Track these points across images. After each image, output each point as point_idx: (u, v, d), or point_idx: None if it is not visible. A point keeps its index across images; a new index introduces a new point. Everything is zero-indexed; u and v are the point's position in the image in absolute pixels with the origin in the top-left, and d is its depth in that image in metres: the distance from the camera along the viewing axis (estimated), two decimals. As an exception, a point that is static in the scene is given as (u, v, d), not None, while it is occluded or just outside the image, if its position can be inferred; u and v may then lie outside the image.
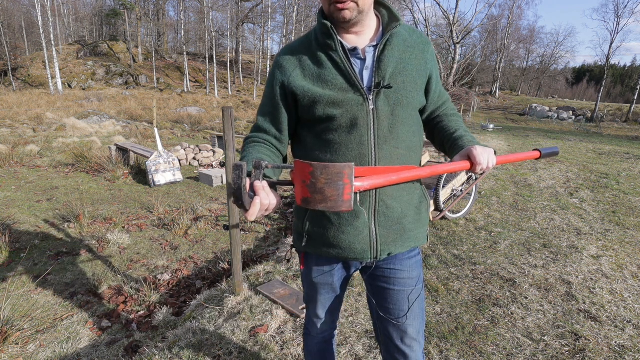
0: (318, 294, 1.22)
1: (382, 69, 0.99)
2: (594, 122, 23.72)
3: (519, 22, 39.53)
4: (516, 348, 2.04)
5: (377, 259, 1.08)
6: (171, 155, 6.11)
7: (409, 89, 1.01)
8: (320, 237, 1.09)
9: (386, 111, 0.99)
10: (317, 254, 1.14)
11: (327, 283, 1.19)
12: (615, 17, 26.36)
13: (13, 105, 16.22)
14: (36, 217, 4.36)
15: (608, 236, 3.68)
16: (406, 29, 1.06)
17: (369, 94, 0.98)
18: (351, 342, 2.08)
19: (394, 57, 1.00)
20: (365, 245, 1.05)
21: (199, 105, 19.50)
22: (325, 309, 1.27)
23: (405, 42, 1.03)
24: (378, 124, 0.99)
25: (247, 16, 32.21)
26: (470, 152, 0.97)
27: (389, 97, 0.99)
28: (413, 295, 1.14)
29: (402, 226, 1.07)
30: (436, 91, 1.12)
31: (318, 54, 1.01)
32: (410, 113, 1.03)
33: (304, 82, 1.00)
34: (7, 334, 2.30)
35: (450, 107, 1.20)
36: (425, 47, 1.07)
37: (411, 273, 1.14)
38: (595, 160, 8.06)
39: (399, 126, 1.01)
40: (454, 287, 2.68)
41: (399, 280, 1.13)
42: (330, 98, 0.98)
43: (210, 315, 2.37)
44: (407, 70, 1.01)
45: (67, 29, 40.16)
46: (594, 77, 53.90)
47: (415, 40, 1.06)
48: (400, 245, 1.09)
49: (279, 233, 4.19)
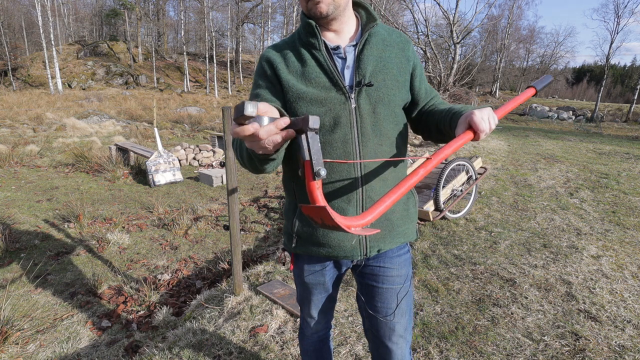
0: (311, 294, 1.23)
1: (362, 68, 1.00)
2: (594, 122, 23.72)
3: (519, 22, 39.56)
4: (516, 348, 2.04)
5: (367, 256, 1.09)
6: (171, 155, 6.11)
7: (390, 86, 1.03)
8: (310, 237, 1.09)
9: (368, 109, 1.01)
10: (307, 254, 1.15)
11: (319, 283, 1.20)
12: (615, 17, 26.34)
13: (13, 105, 16.21)
14: (36, 217, 4.36)
15: (608, 236, 3.68)
16: (384, 29, 1.08)
17: (351, 92, 1.00)
18: (351, 342, 2.08)
19: (373, 56, 1.02)
20: (354, 243, 1.06)
21: (199, 105, 19.49)
22: (318, 309, 1.27)
23: (384, 41, 1.05)
24: (361, 122, 1.00)
25: (247, 16, 32.21)
26: (471, 119, 0.92)
27: (370, 95, 1.00)
28: (401, 293, 1.16)
29: (390, 222, 1.08)
30: (421, 87, 1.13)
31: (302, 52, 1.02)
32: (392, 110, 1.04)
33: (289, 77, 1.01)
34: (7, 334, 2.29)
35: (440, 100, 1.19)
36: (405, 45, 1.09)
37: (400, 271, 1.15)
38: (595, 160, 8.06)
39: (381, 123, 1.02)
40: (454, 287, 2.68)
41: (388, 278, 1.14)
42: (314, 96, 0.99)
43: (210, 315, 2.37)
44: (388, 68, 1.03)
45: (67, 29, 40.15)
46: (594, 77, 53.90)
47: (394, 39, 1.08)
48: (390, 241, 1.10)
49: (279, 233, 4.18)
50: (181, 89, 29.65)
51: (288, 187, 1.14)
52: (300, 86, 1.00)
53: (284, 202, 1.21)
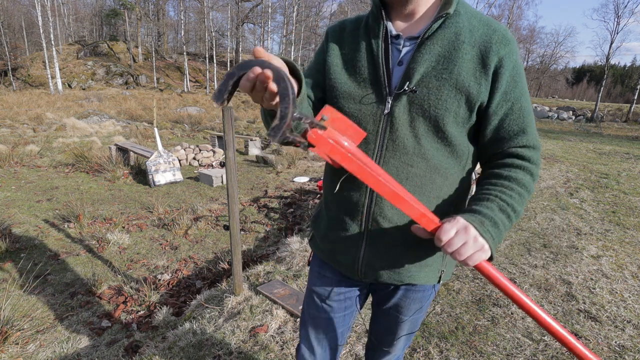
0: (313, 301, 1.10)
1: (412, 68, 0.80)
2: (594, 122, 23.71)
3: (519, 22, 39.53)
4: (516, 348, 2.04)
5: (361, 280, 0.97)
6: (171, 155, 6.11)
7: (444, 98, 0.78)
8: (318, 238, 1.05)
9: (404, 120, 0.81)
10: (315, 252, 1.09)
11: (323, 292, 1.07)
12: (615, 17, 26.35)
13: (13, 105, 16.21)
14: (36, 217, 4.36)
15: (608, 236, 3.68)
16: (470, 19, 0.80)
17: (389, 95, 0.82)
18: (351, 342, 2.08)
19: (433, 54, 0.79)
20: (350, 261, 0.95)
21: (199, 105, 19.50)
22: (311, 320, 1.11)
23: (459, 37, 0.78)
24: (389, 133, 0.82)
25: (247, 16, 32.20)
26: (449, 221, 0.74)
27: (411, 104, 0.80)
28: (405, 325, 1.04)
29: (392, 257, 0.91)
30: (496, 114, 0.80)
31: (360, 35, 0.88)
32: (439, 128, 0.80)
33: (336, 60, 0.89)
34: (7, 334, 2.29)
35: (525, 154, 0.82)
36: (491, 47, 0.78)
37: (414, 305, 1.00)
38: (595, 160, 8.06)
39: (418, 140, 0.82)
40: (454, 287, 2.68)
41: (395, 308, 1.02)
42: (350, 90, 0.86)
43: (210, 315, 2.37)
44: (449, 74, 0.78)
45: (67, 29, 40.16)
46: (594, 77, 53.91)
47: (477, 37, 0.79)
48: (388, 277, 0.93)
49: (279, 233, 4.19)
50: (181, 89, 29.65)
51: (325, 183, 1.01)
52: (341, 76, 0.87)
53: (318, 204, 1.10)
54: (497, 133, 0.82)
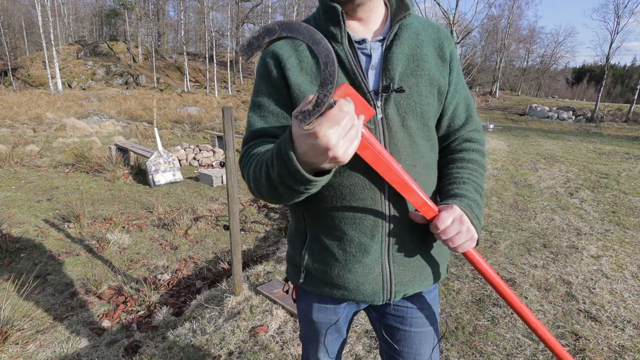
0: (318, 334, 1.02)
1: (390, 69, 0.79)
2: (594, 122, 23.72)
3: (519, 22, 39.57)
4: (516, 348, 2.04)
5: (390, 301, 0.90)
6: (171, 155, 6.11)
7: (424, 93, 0.82)
8: (322, 275, 0.89)
9: (396, 121, 0.80)
10: (318, 294, 0.94)
11: (329, 322, 0.99)
12: (615, 17, 26.37)
13: (13, 105, 16.21)
14: (36, 217, 4.36)
15: (608, 236, 3.68)
16: (419, 21, 0.87)
17: (377, 99, 0.79)
18: (351, 342, 2.08)
19: (404, 54, 0.81)
20: (377, 286, 0.86)
21: (199, 105, 19.50)
22: (326, 353, 1.07)
23: (418, 36, 0.84)
24: (390, 138, 0.80)
25: (247, 16, 32.22)
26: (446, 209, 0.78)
27: (399, 104, 0.80)
28: (431, 337, 0.97)
29: (421, 262, 0.89)
30: (452, 102, 0.88)
31: None
32: (425, 123, 0.84)
33: (300, 78, 0.80)
34: (7, 334, 2.29)
35: (475, 137, 0.93)
36: (443, 43, 0.86)
37: (429, 310, 0.97)
38: (595, 160, 8.06)
39: (413, 139, 0.82)
40: (454, 287, 2.68)
41: (416, 320, 0.95)
42: None
43: (210, 315, 2.37)
44: (422, 70, 0.82)
45: (67, 29, 40.16)
46: (594, 77, 53.91)
47: (430, 35, 0.86)
48: (419, 284, 0.90)
49: (279, 233, 4.19)
50: (181, 89, 29.66)
51: (295, 209, 0.92)
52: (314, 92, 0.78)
53: (290, 225, 1.00)
54: (453, 121, 0.90)
